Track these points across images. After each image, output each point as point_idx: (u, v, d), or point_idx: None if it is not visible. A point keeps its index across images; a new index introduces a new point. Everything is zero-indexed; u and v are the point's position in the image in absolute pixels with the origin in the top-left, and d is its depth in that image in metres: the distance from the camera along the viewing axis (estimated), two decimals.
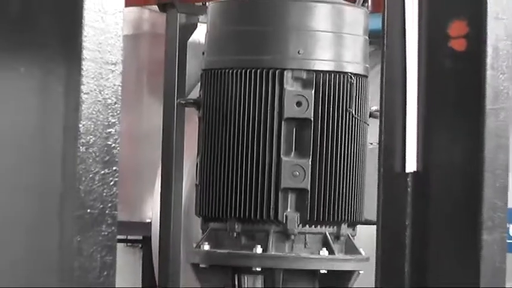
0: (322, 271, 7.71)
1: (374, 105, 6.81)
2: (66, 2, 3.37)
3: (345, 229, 7.84)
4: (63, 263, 3.38)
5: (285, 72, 7.66)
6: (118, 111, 3.43)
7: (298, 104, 7.67)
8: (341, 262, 7.78)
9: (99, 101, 3.39)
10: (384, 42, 4.41)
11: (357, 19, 8.01)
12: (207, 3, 8.92)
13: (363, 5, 9.69)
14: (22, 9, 3.45)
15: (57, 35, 3.39)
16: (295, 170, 7.67)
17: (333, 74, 7.72)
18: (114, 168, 3.42)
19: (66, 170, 3.36)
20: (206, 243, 7.87)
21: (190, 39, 11.46)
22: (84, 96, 3.35)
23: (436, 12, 4.34)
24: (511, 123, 4.35)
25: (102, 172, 3.40)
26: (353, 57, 7.85)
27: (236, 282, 7.77)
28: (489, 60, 4.25)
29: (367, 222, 7.23)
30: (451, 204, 4.30)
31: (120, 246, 3.96)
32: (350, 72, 7.81)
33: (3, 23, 3.46)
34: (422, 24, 4.35)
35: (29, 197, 3.43)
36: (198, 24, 11.29)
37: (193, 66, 10.69)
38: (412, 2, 4.34)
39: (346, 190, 7.77)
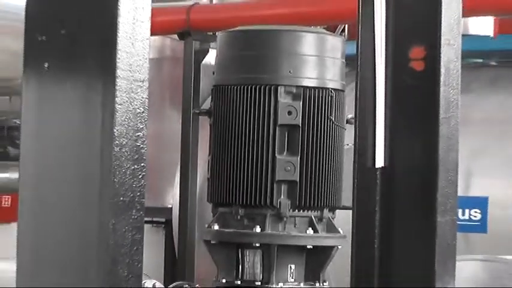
0: (308, 246, 7.74)
1: (350, 114, 6.82)
2: (104, 32, 3.38)
3: (326, 213, 7.86)
4: (101, 240, 3.38)
5: (279, 88, 7.68)
6: (145, 119, 3.43)
7: (289, 113, 7.70)
8: (323, 239, 7.79)
9: (130, 110, 3.39)
10: (357, 64, 4.41)
11: (335, 45, 8.03)
12: (217, 33, 8.94)
13: (340, 34, 9.71)
14: (70, 40, 3.45)
15: (97, 58, 3.40)
16: (287, 166, 7.70)
17: (317, 89, 7.75)
18: (142, 164, 3.42)
19: (103, 166, 3.36)
20: (216, 224, 7.89)
21: (203, 61, 11.46)
22: (118, 107, 3.35)
23: (399, 39, 4.33)
24: (460, 128, 4.36)
25: (133, 168, 3.40)
26: (333, 76, 7.87)
27: (239, 256, 7.79)
28: (442, 78, 4.25)
29: (345, 208, 7.23)
30: (411, 193, 4.30)
31: (147, 226, 3.96)
32: (331, 88, 7.83)
33: (56, 50, 3.46)
34: (389, 49, 4.34)
35: (75, 188, 3.43)
36: (209, 49, 11.29)
37: (206, 83, 10.70)
38: (380, 32, 4.34)
39: (327, 182, 7.79)
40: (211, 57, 10.70)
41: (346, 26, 10.94)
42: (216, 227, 7.90)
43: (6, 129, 12.52)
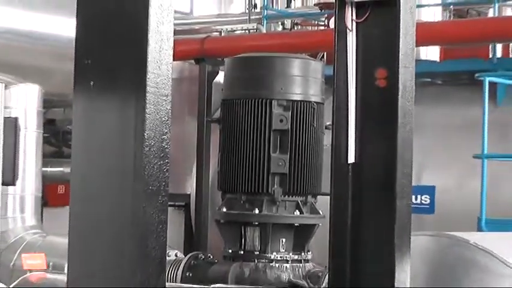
0: (296, 224, 7.73)
1: (328, 121, 6.80)
2: (137, 58, 3.36)
3: (310, 198, 7.86)
4: (135, 219, 3.37)
5: (273, 101, 7.71)
6: (169, 125, 3.42)
7: (281, 121, 7.71)
8: (307, 219, 7.79)
9: (157, 118, 3.37)
10: (334, 83, 4.40)
11: (316, 68, 8.05)
12: (225, 59, 8.93)
13: (320, 59, 9.66)
14: (110, 63, 3.44)
15: (131, 78, 3.38)
16: (279, 162, 7.70)
17: (302, 102, 7.78)
18: (166, 160, 3.41)
19: (136, 162, 3.35)
20: (224, 207, 7.88)
21: (214, 80, 11.45)
22: (147, 116, 3.34)
23: (367, 63, 4.31)
24: (413, 132, 4.35)
25: (159, 163, 3.39)
26: (314, 92, 7.89)
27: (242, 232, 7.78)
28: (400, 93, 4.23)
29: (324, 194, 7.22)
30: (376, 183, 4.28)
31: (170, 209, 3.97)
32: (313, 101, 7.85)
33: (99, 72, 3.45)
34: (359, 71, 4.32)
35: (114, 179, 3.41)
36: (219, 71, 11.28)
37: (216, 98, 10.68)
38: (352, 57, 4.32)
39: (310, 174, 7.79)
40: (220, 77, 10.69)
41: (325, 53, 10.91)
42: (224, 209, 7.90)
43: (61, 133, 12.50)
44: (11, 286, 6.60)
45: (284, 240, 7.79)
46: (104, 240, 3.42)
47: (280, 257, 7.72)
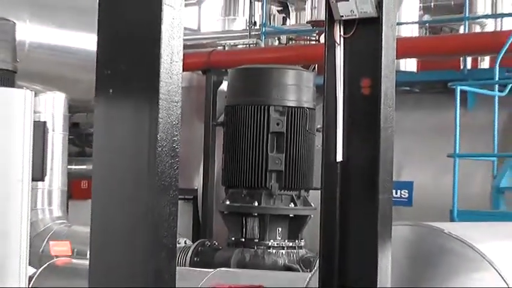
0: (290, 215, 7.74)
1: (319, 125, 6.79)
2: (151, 69, 3.36)
3: (303, 192, 7.87)
4: (149, 211, 3.36)
5: (270, 107, 7.72)
6: (179, 128, 3.41)
7: (277, 124, 7.71)
8: (301, 210, 7.79)
9: (168, 122, 3.37)
10: (324, 91, 4.39)
11: (308, 78, 8.06)
12: (228, 70, 8.94)
13: (312, 70, 9.66)
14: (127, 73, 3.43)
15: (145, 86, 3.38)
16: (276, 160, 7.70)
17: (296, 108, 7.78)
18: (176, 159, 3.40)
19: (150, 161, 3.34)
20: (227, 200, 7.88)
21: (219, 89, 11.44)
22: (160, 120, 3.33)
23: (353, 73, 4.31)
24: (394, 134, 4.34)
25: (170, 162, 3.38)
26: (307, 99, 7.90)
27: (243, 222, 7.77)
28: (382, 100, 4.22)
29: (315, 189, 7.22)
30: (361, 179, 4.27)
31: (180, 202, 3.97)
32: (306, 107, 7.84)
33: (118, 81, 3.44)
34: (346, 80, 4.32)
35: (131, 175, 3.41)
36: (223, 81, 11.27)
37: (220, 104, 10.67)
38: (340, 68, 4.32)
39: (303, 171, 7.79)
40: (224, 86, 10.69)
41: (316, 65, 10.90)
42: (227, 202, 7.91)
43: (84, 135, 12.50)
44: (39, 270, 6.60)
45: (280, 229, 7.79)
46: (121, 229, 3.42)
47: (277, 244, 7.73)
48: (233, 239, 7.89)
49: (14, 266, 4.79)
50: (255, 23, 16.86)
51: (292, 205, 7.78)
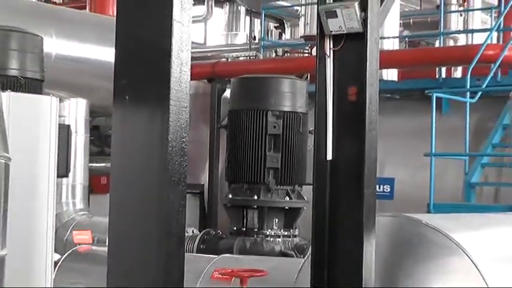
0: (286, 207, 7.73)
1: (311, 127, 6.80)
2: (162, 78, 3.35)
3: (296, 187, 7.86)
4: (161, 204, 3.36)
5: (268, 112, 7.73)
6: (187, 130, 3.41)
7: (274, 127, 7.71)
8: (295, 203, 7.79)
9: (178, 125, 3.36)
10: (315, 97, 4.39)
11: (302, 86, 8.06)
12: (231, 79, 8.94)
13: (305, 79, 9.64)
14: (141, 82, 3.43)
15: (157, 93, 3.38)
16: (273, 159, 7.70)
17: (291, 113, 7.78)
18: (185, 158, 3.40)
19: (162, 159, 3.34)
20: (230, 194, 7.88)
21: (223, 96, 11.44)
22: (170, 123, 3.33)
23: (341, 82, 4.31)
24: (378, 136, 4.34)
25: (179, 160, 3.37)
26: (300, 104, 7.89)
27: (244, 213, 7.77)
28: (367, 105, 4.22)
29: (308, 184, 7.21)
30: (348, 175, 4.27)
31: (188, 196, 3.95)
32: (299, 112, 7.84)
33: (133, 88, 3.43)
34: (335, 88, 4.31)
35: (144, 172, 3.40)
36: (227, 88, 11.27)
37: (224, 109, 10.67)
38: (329, 78, 4.31)
39: (297, 168, 7.79)
40: (227, 93, 10.67)
41: (309, 74, 10.90)
42: (230, 196, 7.90)
43: (104, 137, 12.49)
44: (64, 256, 6.59)
45: (277, 220, 7.78)
46: (136, 220, 3.42)
47: (274, 233, 7.72)
48: (235, 228, 7.88)
49: (42, 252, 4.79)
50: (254, 37, 16.90)
51: (287, 198, 7.78)
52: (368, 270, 4.11)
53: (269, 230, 7.73)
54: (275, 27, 18.49)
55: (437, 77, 10.84)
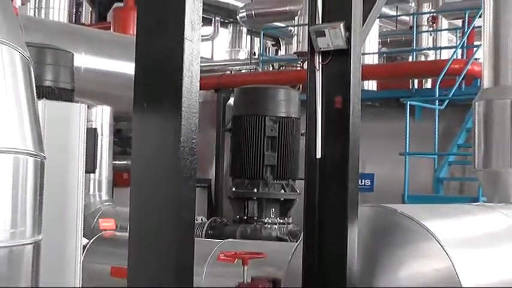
0: (281, 199, 7.72)
1: (303, 130, 6.78)
2: (175, 87, 3.34)
3: (290, 182, 7.84)
4: (174, 196, 3.35)
5: (266, 117, 7.72)
6: (196, 133, 3.40)
7: (271, 130, 7.70)
8: (289, 195, 7.78)
9: (189, 128, 3.35)
10: (307, 105, 4.38)
11: (295, 95, 8.04)
12: (234, 89, 8.94)
13: (298, 89, 9.61)
14: (157, 92, 3.42)
15: (171, 101, 3.36)
16: (270, 157, 7.68)
17: (286, 118, 7.76)
18: (195, 157, 3.39)
19: (175, 158, 3.33)
20: (234, 187, 7.86)
21: (227, 103, 11.43)
22: (182, 127, 3.32)
23: (329, 92, 4.30)
24: (360, 138, 4.33)
25: (190, 159, 3.37)
26: (294, 111, 7.89)
27: (246, 204, 7.76)
28: (351, 111, 4.21)
29: (300, 179, 7.20)
30: (335, 171, 4.26)
31: (197, 189, 3.92)
32: (293, 117, 7.82)
33: (150, 97, 3.43)
34: (323, 97, 4.31)
35: (160, 169, 3.39)
36: (231, 97, 11.26)
37: (228, 114, 10.64)
38: (318, 88, 4.31)
39: (291, 165, 7.78)
40: (231, 101, 10.66)
41: (301, 85, 10.90)
42: (234, 189, 7.89)
43: (125, 138, 12.47)
44: (91, 240, 6.58)
45: (273, 209, 7.78)
46: (153, 210, 3.41)
47: (271, 220, 7.72)
48: (238, 217, 7.88)
49: (72, 237, 4.78)
50: (254, 53, 16.90)
51: (282, 191, 7.77)
52: (351, 252, 4.11)
53: (267, 218, 7.73)
54: (272, 44, 18.51)
55: (410, 87, 10.83)
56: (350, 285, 4.05)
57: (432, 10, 13.65)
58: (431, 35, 13.79)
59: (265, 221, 7.73)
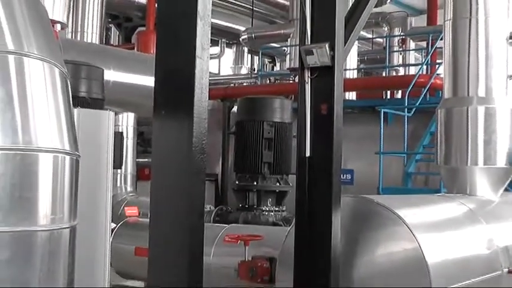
0: (276, 190, 7.70)
1: (294, 133, 6.76)
2: (188, 97, 3.32)
3: (284, 176, 7.82)
4: (186, 188, 3.33)
5: (264, 122, 7.68)
6: (206, 135, 3.38)
7: (268, 133, 7.67)
8: (283, 187, 7.75)
9: (199, 131, 3.33)
10: (298, 111, 4.37)
11: (288, 104, 8.01)
12: (237, 99, 8.91)
13: (290, 99, 9.57)
14: (173, 100, 3.40)
15: (185, 108, 3.35)
16: (268, 155, 7.66)
17: (280, 123, 7.73)
18: (204, 155, 3.37)
19: (188, 156, 3.31)
20: (237, 181, 7.84)
21: (232, 110, 11.41)
22: (194, 130, 3.30)
23: (316, 100, 4.28)
24: (342, 140, 4.31)
25: (200, 157, 3.34)
26: (287, 117, 7.85)
27: (247, 195, 7.74)
28: (335, 118, 4.20)
29: (292, 174, 7.19)
30: (321, 167, 4.24)
31: (206, 182, 3.90)
32: (286, 122, 7.80)
33: (167, 105, 3.41)
34: (312, 105, 4.29)
35: (175, 165, 3.38)
36: (234, 105, 11.24)
37: (233, 120, 10.62)
38: (308, 98, 4.29)
39: (285, 162, 7.75)
40: (235, 109, 10.64)
41: (293, 95, 10.90)
42: (237, 182, 7.87)
43: (147, 140, 12.47)
44: (118, 225, 6.57)
45: (270, 199, 7.76)
46: (169, 199, 3.39)
47: (268, 209, 7.70)
48: (240, 205, 7.87)
49: (102, 222, 4.77)
50: (254, 69, 16.86)
51: (277, 184, 7.75)
52: (335, 235, 4.10)
53: (264, 207, 7.71)
54: (269, 62, 18.49)
55: (384, 97, 10.85)
56: (335, 262, 4.03)
57: (402, 34, 13.69)
58: (401, 54, 13.82)
59: (263, 209, 7.71)
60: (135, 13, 13.52)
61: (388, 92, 11.85)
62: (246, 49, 17.37)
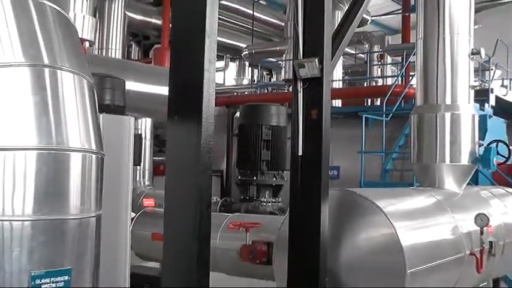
0: (273, 184, 7.70)
1: (289, 135, 6.76)
2: (197, 104, 3.32)
3: (280, 172, 7.82)
4: (196, 182, 3.32)
5: (262, 126, 7.67)
6: (212, 137, 3.38)
7: (266, 135, 7.67)
8: (279, 181, 7.76)
9: (207, 133, 3.33)
10: (292, 116, 4.36)
11: (283, 110, 8.01)
12: (240, 106, 8.91)
13: (285, 106, 9.55)
14: (185, 106, 3.40)
15: (194, 113, 3.34)
16: (266, 155, 7.66)
17: (277, 126, 7.73)
18: (211, 154, 3.36)
19: (197, 155, 3.31)
20: (239, 176, 7.84)
21: (235, 115, 11.39)
22: (202, 132, 3.30)
23: (308, 106, 4.27)
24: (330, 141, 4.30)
25: (208, 156, 3.34)
26: (282, 121, 7.86)
27: (248, 188, 7.75)
28: (323, 120, 4.18)
29: (287, 170, 7.19)
30: (312, 164, 4.23)
31: (213, 177, 3.90)
32: (282, 126, 7.80)
33: (179, 111, 3.40)
34: (303, 111, 4.29)
35: (186, 163, 3.37)
36: (237, 111, 11.22)
37: (236, 124, 10.60)
38: (300, 104, 4.29)
39: (280, 160, 7.76)
40: (237, 114, 10.63)
41: (288, 103, 10.89)
42: (239, 177, 7.88)
43: (162, 141, 12.47)
44: (137, 214, 6.56)
45: (268, 192, 7.76)
46: (181, 192, 3.39)
47: (266, 200, 7.71)
48: (242, 197, 7.87)
49: (123, 212, 4.77)
50: (254, 80, 16.85)
51: (274, 179, 7.77)
52: (324, 222, 4.09)
53: (263, 198, 7.72)
54: (267, 74, 18.50)
55: (365, 104, 10.86)
56: (323, 246, 4.03)
57: (380, 50, 13.74)
58: (379, 67, 13.86)
59: (262, 200, 7.73)
60: (152, 32, 13.55)
61: (369, 100, 11.86)
62: (247, 63, 17.39)
